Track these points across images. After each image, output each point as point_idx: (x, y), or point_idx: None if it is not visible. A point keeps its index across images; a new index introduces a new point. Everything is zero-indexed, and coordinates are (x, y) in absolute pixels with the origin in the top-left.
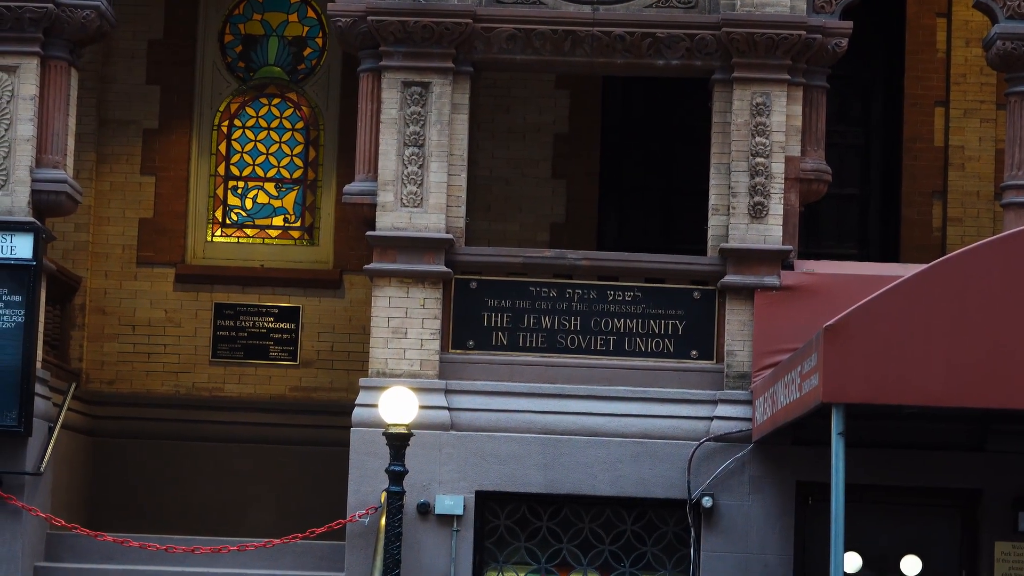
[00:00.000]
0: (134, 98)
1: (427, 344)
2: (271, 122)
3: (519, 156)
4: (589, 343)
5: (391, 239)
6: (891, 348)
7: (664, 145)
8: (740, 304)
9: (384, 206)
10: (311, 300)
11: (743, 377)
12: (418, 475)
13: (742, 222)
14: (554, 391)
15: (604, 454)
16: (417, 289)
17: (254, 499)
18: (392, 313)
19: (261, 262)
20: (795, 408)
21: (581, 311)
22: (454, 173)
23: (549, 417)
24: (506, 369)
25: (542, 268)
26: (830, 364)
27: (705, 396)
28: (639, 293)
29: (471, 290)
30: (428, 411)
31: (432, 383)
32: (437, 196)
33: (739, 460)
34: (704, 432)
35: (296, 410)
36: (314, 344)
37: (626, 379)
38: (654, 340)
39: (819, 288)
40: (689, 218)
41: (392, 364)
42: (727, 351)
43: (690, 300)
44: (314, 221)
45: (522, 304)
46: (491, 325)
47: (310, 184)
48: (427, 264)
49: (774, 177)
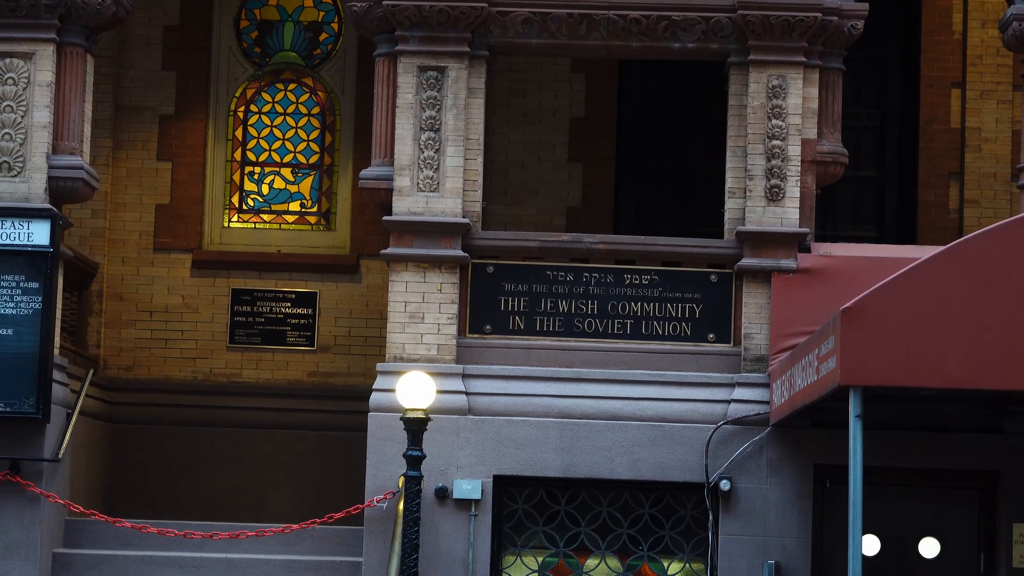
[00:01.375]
0: (150, 84)
1: (444, 329)
2: (287, 107)
3: (535, 140)
4: (606, 327)
5: (408, 224)
6: (908, 330)
7: (680, 128)
8: (757, 287)
9: (400, 191)
10: (328, 285)
11: (760, 360)
12: (436, 460)
13: (759, 205)
14: (571, 375)
15: (622, 438)
16: (434, 274)
17: (272, 485)
18: (409, 298)
19: (278, 247)
20: (812, 391)
21: (598, 295)
22: (470, 157)
23: (566, 401)
24: (523, 353)
25: (559, 252)
26: (847, 346)
27: (722, 379)
28: (656, 276)
29: (488, 274)
30: (445, 396)
31: (449, 368)
32: (453, 181)
33: (757, 443)
34: (721, 415)
35: (313, 395)
36: (331, 329)
37: (643, 363)
38: (671, 323)
39: (836, 271)
40: (706, 201)
41: (409, 349)
42: (744, 334)
43: (707, 283)
44: (331, 206)
45: (539, 288)
46: (508, 309)
47: (326, 169)
48: (444, 249)
49: (790, 160)
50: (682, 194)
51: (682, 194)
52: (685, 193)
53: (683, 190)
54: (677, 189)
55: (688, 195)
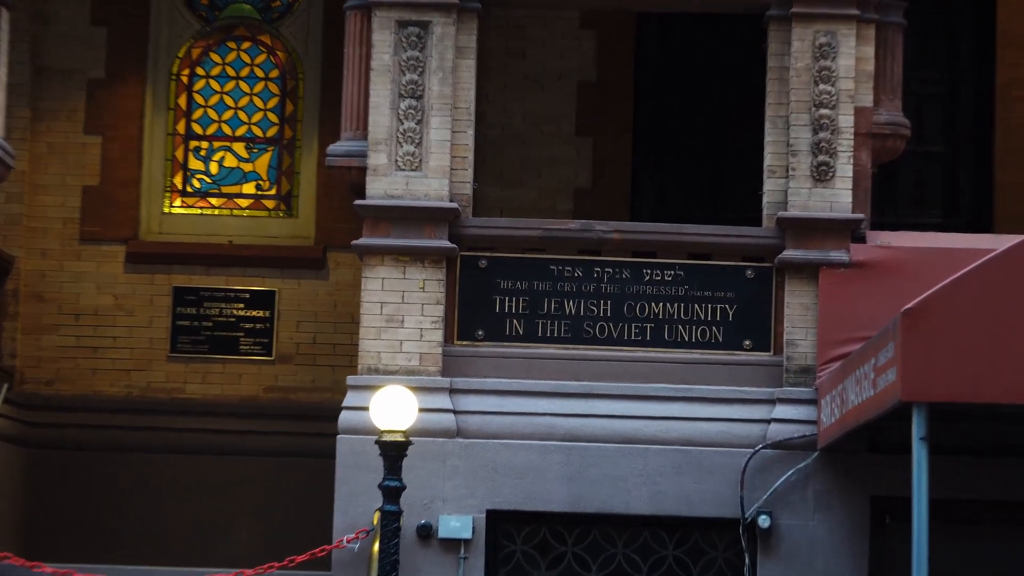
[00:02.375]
0: (76, 42)
1: (427, 335)
2: (240, 70)
3: (537, 110)
4: (621, 332)
5: (384, 209)
6: (983, 336)
7: (709, 96)
8: (802, 284)
9: (376, 170)
10: (289, 283)
11: (806, 372)
12: (418, 492)
13: (804, 186)
14: (580, 390)
15: (640, 465)
16: (415, 269)
17: (223, 522)
18: (386, 298)
19: (229, 238)
20: (868, 408)
21: (612, 294)
22: (459, 130)
23: (574, 421)
24: (522, 364)
25: (565, 243)
26: (910, 355)
27: (760, 395)
28: (681, 272)
29: (480, 269)
30: (429, 415)
31: (434, 381)
32: (439, 157)
33: (802, 471)
34: (759, 438)
35: (272, 415)
36: (292, 336)
37: (666, 375)
38: (699, 328)
39: (896, 264)
40: (740, 182)
41: (386, 359)
42: (786, 341)
43: (742, 280)
44: (292, 188)
45: (541, 286)
46: (504, 311)
47: (287, 144)
48: (427, 239)
49: (841, 132)
50: (712, 174)
51: (712, 174)
52: (716, 172)
53: (713, 169)
54: (706, 168)
55: (719, 175)
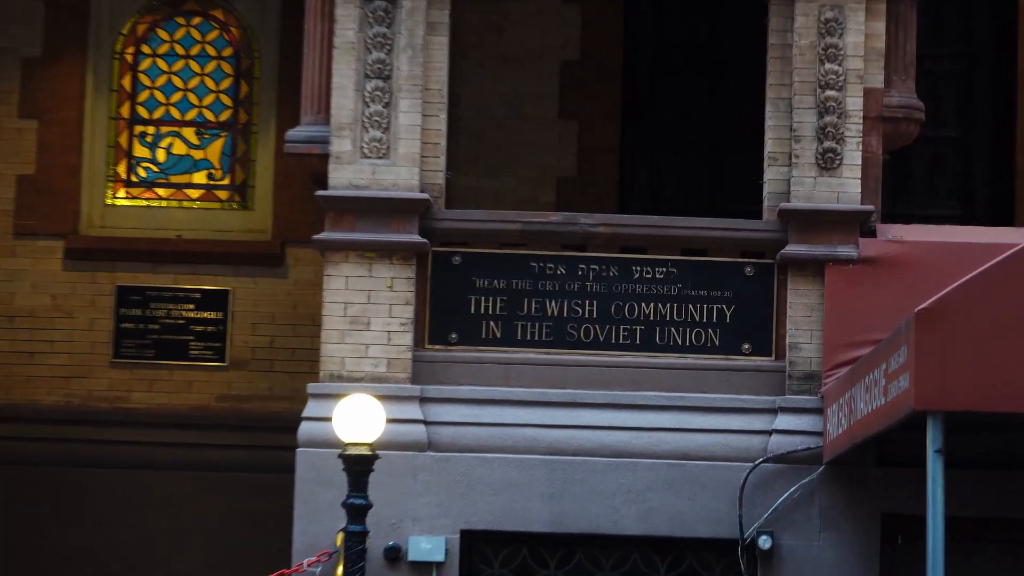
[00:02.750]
0: (10, 18)
1: (396, 338)
2: (190, 48)
3: (516, 91)
4: (609, 335)
5: (348, 200)
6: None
7: (706, 76)
8: (806, 282)
9: (339, 157)
10: (244, 281)
11: (810, 378)
12: (386, 510)
13: (808, 175)
14: (563, 399)
15: (629, 481)
16: (383, 266)
17: (171, 543)
18: (350, 298)
19: (177, 232)
20: (879, 418)
21: (598, 293)
22: (431, 114)
23: (557, 433)
24: (500, 370)
25: (547, 237)
26: (924, 360)
27: (761, 403)
28: (674, 269)
29: (454, 266)
30: (398, 426)
31: (403, 389)
32: (408, 144)
33: (806, 487)
34: (760, 451)
35: (225, 426)
36: (247, 339)
37: (657, 382)
38: (694, 330)
39: (910, 260)
40: (739, 171)
41: (350, 365)
42: (789, 344)
43: (741, 278)
44: (247, 178)
45: (521, 285)
46: (480, 312)
47: (242, 129)
48: (396, 233)
49: (849, 115)
50: (709, 162)
51: (709, 162)
52: (713, 160)
53: (710, 156)
54: (702, 155)
55: (717, 163)
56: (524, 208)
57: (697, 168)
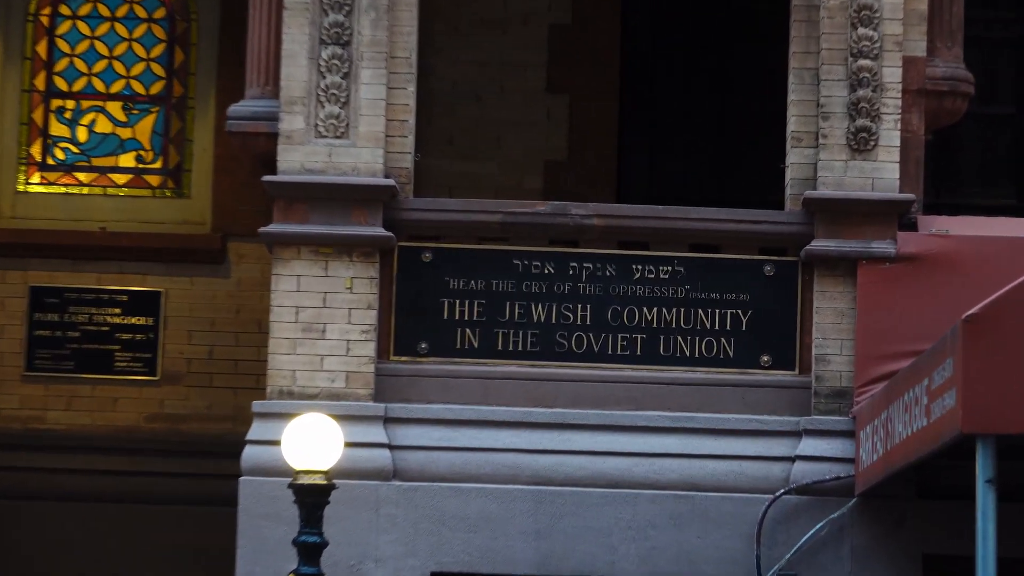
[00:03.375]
0: None
1: (356, 348)
2: (116, 9)
3: (497, 60)
4: (605, 345)
5: (301, 187)
6: None
7: (716, 43)
8: (835, 283)
9: (290, 137)
10: (178, 282)
11: (840, 396)
12: (344, 549)
13: (838, 158)
14: (551, 419)
15: (628, 515)
16: (341, 263)
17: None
18: (303, 301)
19: (102, 224)
20: (920, 442)
21: (592, 296)
22: (397, 86)
23: (544, 459)
24: (477, 386)
25: (532, 230)
26: (973, 375)
27: (782, 425)
28: (681, 268)
29: (424, 264)
30: (358, 450)
31: (364, 408)
32: (371, 121)
33: (836, 523)
34: (781, 480)
35: (156, 450)
36: (183, 349)
37: (661, 400)
38: (704, 340)
39: (956, 258)
40: (757, 154)
41: (303, 379)
42: (816, 356)
43: (759, 278)
44: (182, 161)
45: (502, 286)
46: (455, 318)
47: (176, 104)
48: (356, 225)
49: (886, 89)
50: (721, 142)
51: (721, 142)
52: (725, 141)
53: (722, 136)
54: (713, 134)
55: (730, 144)
56: (506, 196)
57: (707, 150)
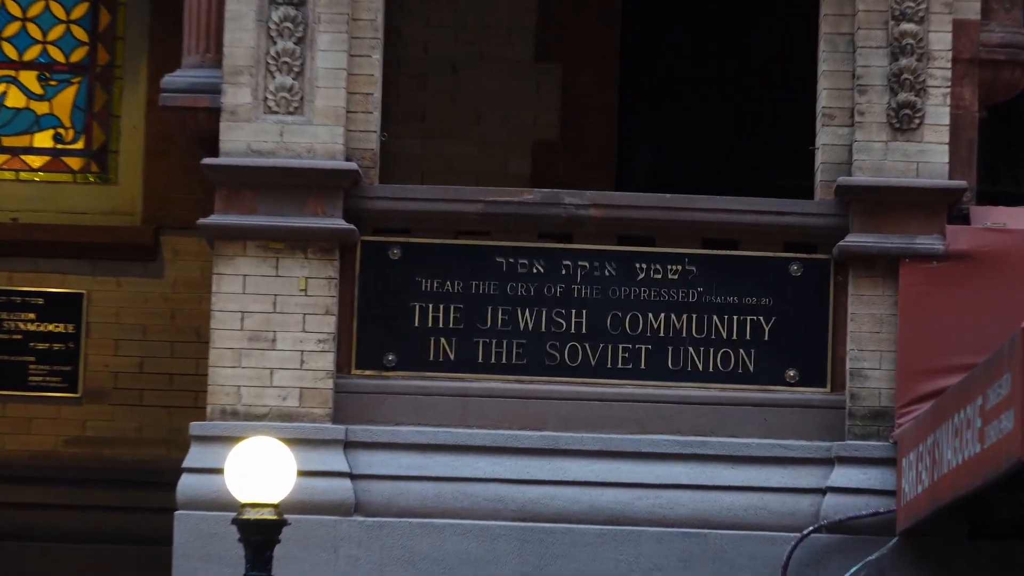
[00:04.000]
0: None
1: (312, 360)
2: None
3: (477, 24)
4: (603, 357)
5: (247, 171)
6: None
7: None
8: (874, 285)
9: (235, 112)
10: (103, 282)
11: (879, 417)
12: None
13: (877, 138)
14: (540, 443)
15: (631, 555)
16: (294, 261)
17: None
18: (249, 305)
19: (13, 214)
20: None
21: (589, 300)
22: (360, 53)
23: (532, 490)
24: (454, 405)
25: (519, 222)
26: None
27: (812, 451)
28: (692, 267)
29: (392, 262)
30: (314, 480)
31: (322, 430)
32: (330, 95)
33: (874, 566)
34: (810, 516)
35: (78, 479)
36: (109, 361)
37: (669, 422)
38: (719, 351)
39: (1015, 255)
40: (780, 132)
41: (249, 396)
42: (850, 371)
43: (784, 279)
44: (108, 140)
45: (483, 288)
46: (427, 326)
47: (101, 74)
48: (312, 216)
49: (934, 57)
50: (739, 120)
51: (739, 120)
52: (744, 118)
53: (741, 113)
54: (730, 111)
55: (748, 123)
56: (488, 183)
57: (723, 129)
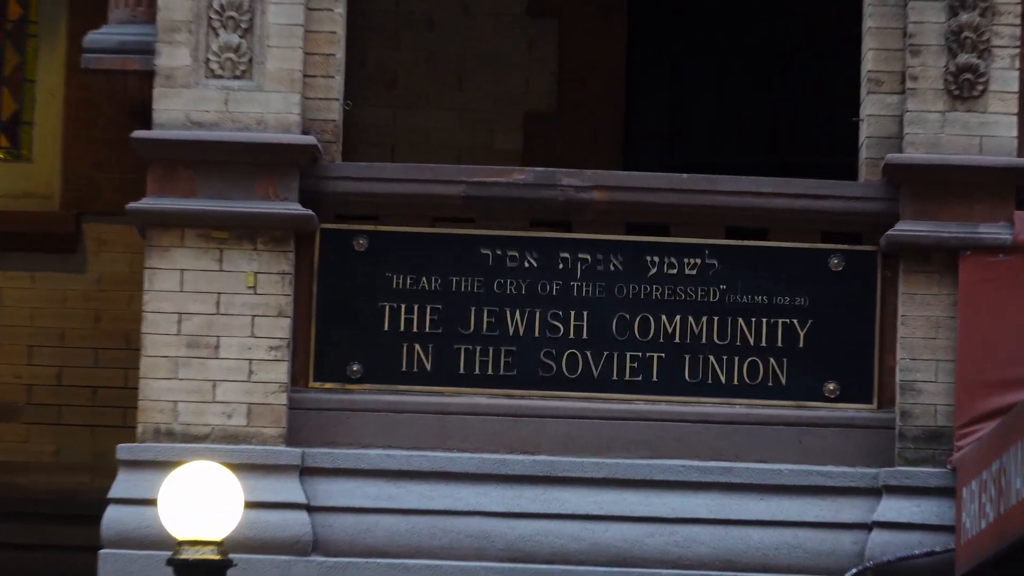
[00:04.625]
0: None
1: (262, 371)
2: None
3: None
4: (608, 368)
5: (186, 147)
6: None
7: None
8: (929, 282)
9: (171, 76)
10: (14, 277)
11: (935, 439)
12: None
13: (933, 108)
14: (533, 470)
15: None
16: (241, 253)
17: None
18: (187, 305)
19: None
20: None
21: (591, 300)
22: (320, 7)
23: (523, 526)
24: (431, 424)
25: (508, 208)
26: None
27: (855, 479)
28: (714, 261)
29: (358, 255)
30: (266, 513)
31: (274, 454)
32: (284, 55)
33: None
34: (854, 556)
35: None
36: (20, 371)
37: (686, 444)
38: (746, 360)
39: None
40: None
41: (187, 414)
42: (901, 384)
43: (823, 275)
44: (21, 110)
45: (465, 285)
46: (399, 330)
47: (12, 31)
48: (263, 200)
49: (1000, 13)
50: (768, 86)
51: (768, 86)
52: (774, 84)
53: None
54: (757, 75)
55: (781, 89)
56: (472, 160)
57: (750, 97)
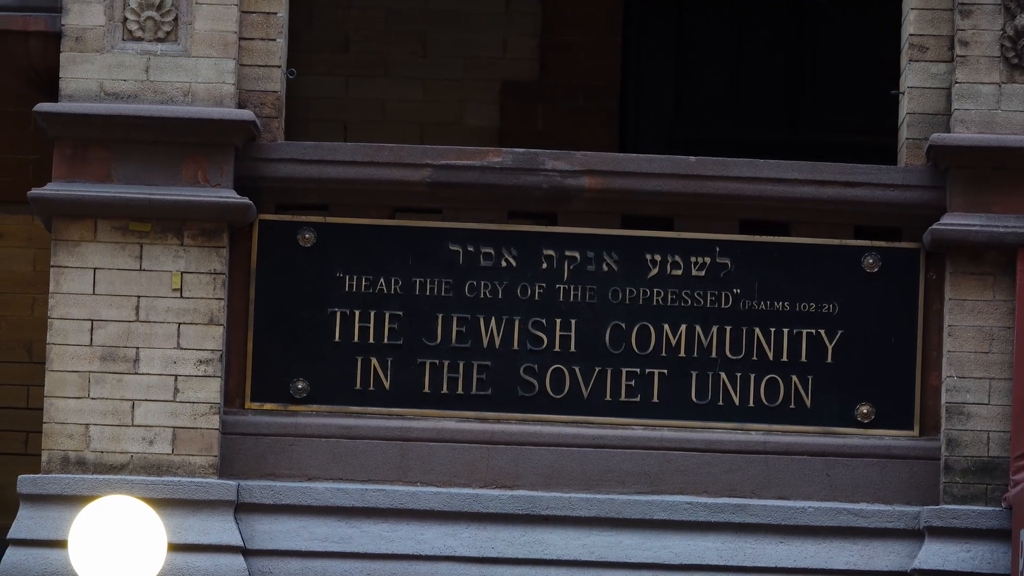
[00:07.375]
0: None
1: (190, 388)
2: None
3: None
4: (599, 387)
5: (100, 122)
6: None
7: None
8: (982, 286)
9: (82, 38)
10: None
11: (987, 472)
12: None
13: (987, 79)
14: (510, 507)
15: None
16: (165, 249)
17: None
18: (101, 309)
19: None
20: None
21: (580, 305)
22: None
23: (498, 573)
24: (390, 452)
25: (481, 195)
26: None
27: (894, 519)
28: (727, 259)
29: (303, 251)
30: (194, 557)
31: (204, 487)
32: (215, 13)
33: None
34: None
35: None
36: None
37: (693, 478)
38: (765, 378)
39: None
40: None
41: (101, 440)
42: (948, 407)
43: (855, 277)
44: None
45: (431, 287)
46: (352, 340)
47: None
48: (191, 186)
49: None
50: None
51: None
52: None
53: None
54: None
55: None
56: (439, 139)
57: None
